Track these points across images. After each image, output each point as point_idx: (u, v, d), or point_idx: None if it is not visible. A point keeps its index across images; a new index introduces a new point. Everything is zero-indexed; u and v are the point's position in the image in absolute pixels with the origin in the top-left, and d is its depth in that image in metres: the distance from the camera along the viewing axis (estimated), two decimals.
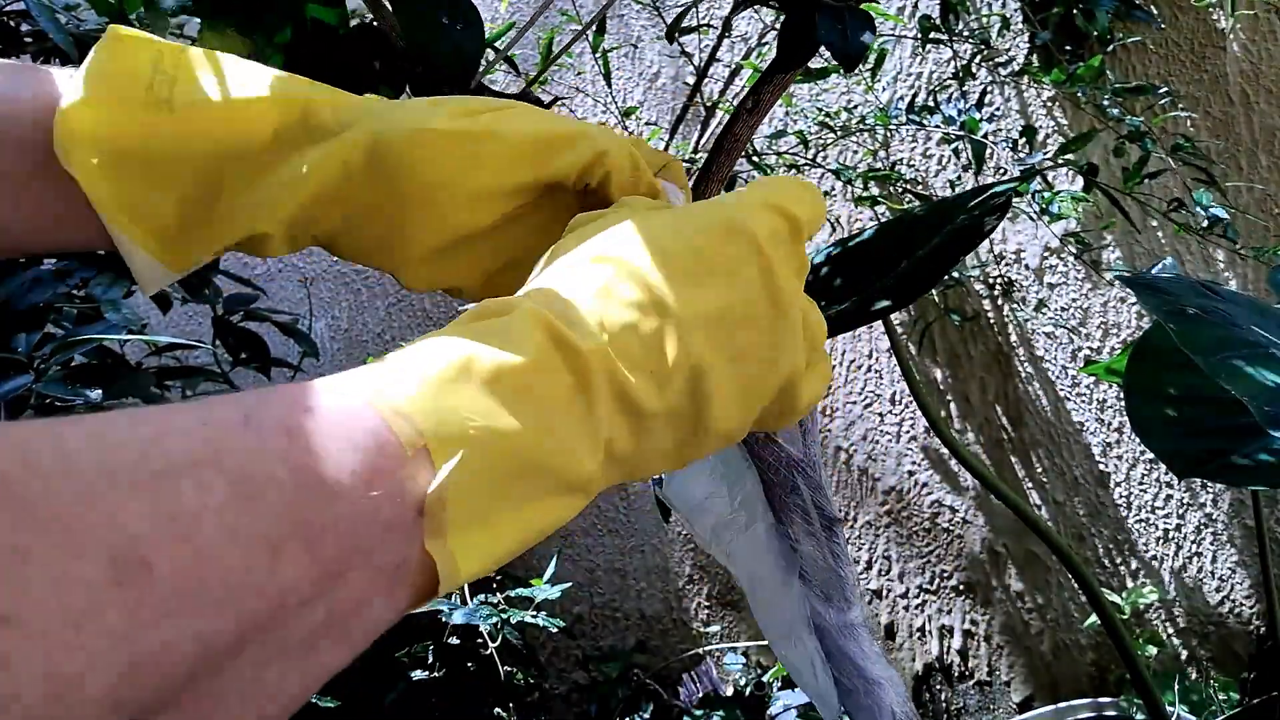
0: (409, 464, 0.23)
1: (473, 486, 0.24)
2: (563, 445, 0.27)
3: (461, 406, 0.25)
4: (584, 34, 0.49)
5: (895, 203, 1.30)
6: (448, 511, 0.24)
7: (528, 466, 0.26)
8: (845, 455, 1.47)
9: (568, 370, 0.28)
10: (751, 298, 0.32)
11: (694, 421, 0.31)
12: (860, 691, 0.49)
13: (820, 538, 0.48)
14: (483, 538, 0.25)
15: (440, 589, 0.24)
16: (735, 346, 0.32)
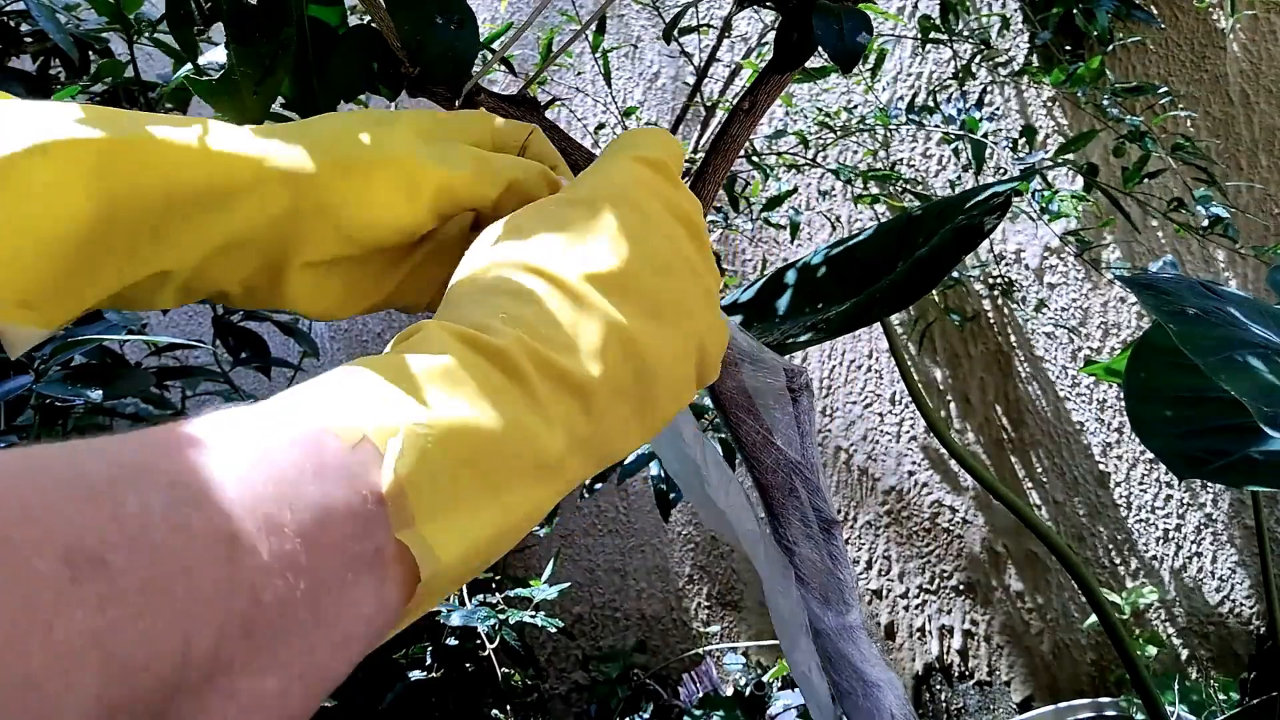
0: (353, 453, 0.23)
1: (433, 473, 0.24)
2: (516, 428, 0.27)
3: (397, 408, 0.25)
4: (583, 34, 0.49)
5: (895, 203, 1.30)
6: (409, 499, 0.24)
7: (485, 450, 0.26)
8: (845, 455, 1.47)
9: (494, 366, 0.28)
10: (644, 249, 0.33)
11: (638, 385, 0.32)
12: (859, 694, 0.49)
13: (818, 540, 0.48)
14: (458, 524, 0.25)
15: (424, 577, 0.24)
16: (648, 301, 0.32)
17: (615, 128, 1.44)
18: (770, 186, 1.20)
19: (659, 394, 0.32)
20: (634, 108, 1.45)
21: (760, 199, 1.22)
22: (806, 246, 1.46)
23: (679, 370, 0.33)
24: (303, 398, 0.25)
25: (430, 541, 0.24)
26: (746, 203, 1.22)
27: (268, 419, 0.23)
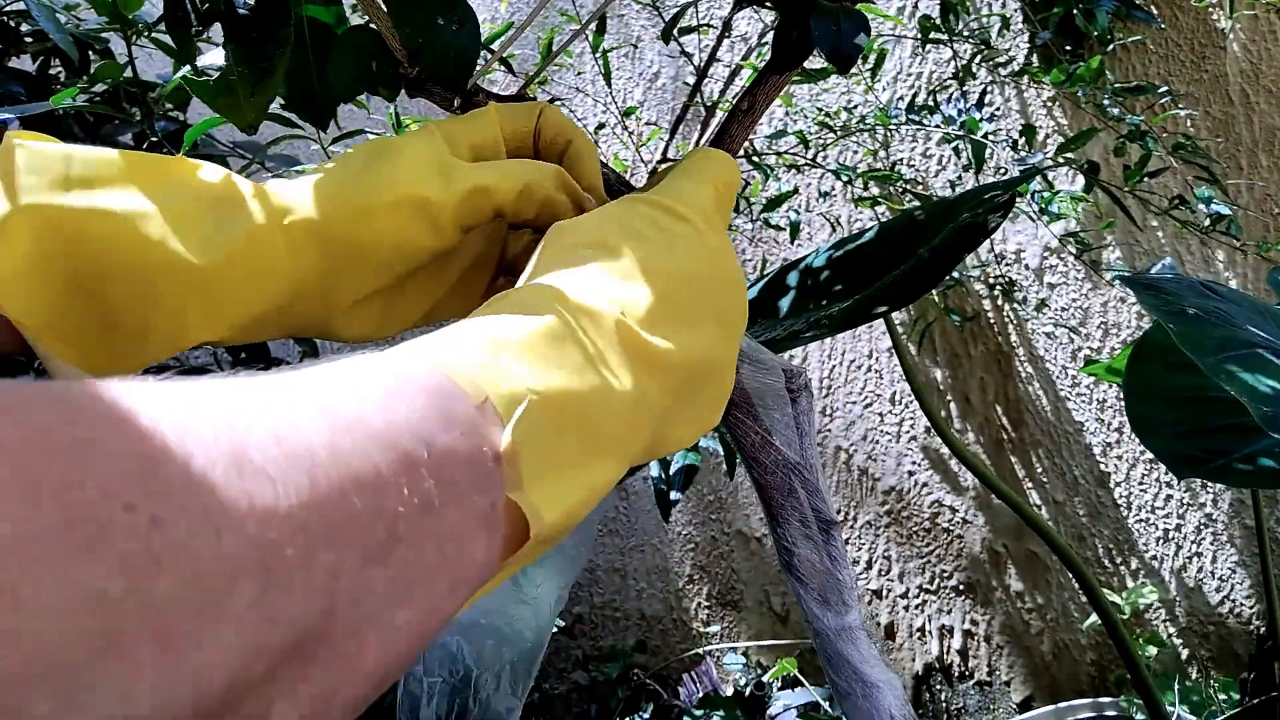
0: (478, 411, 0.24)
1: (539, 439, 0.25)
2: (610, 398, 0.28)
3: (508, 367, 0.26)
4: (583, 33, 0.49)
5: (895, 203, 1.30)
6: (521, 462, 0.25)
7: (581, 422, 0.27)
8: (845, 455, 1.47)
9: (595, 332, 0.29)
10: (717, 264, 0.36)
11: (702, 381, 0.34)
12: (858, 694, 0.49)
13: (818, 541, 0.48)
14: (556, 490, 0.26)
15: (533, 535, 0.25)
16: (718, 311, 0.35)
17: (615, 128, 1.44)
18: (770, 187, 1.20)
19: (713, 395, 0.35)
20: (634, 108, 1.45)
21: (760, 199, 1.21)
22: (806, 247, 1.46)
23: (729, 375, 0.36)
24: (429, 350, 0.26)
25: (536, 504, 0.25)
26: (746, 203, 1.22)
27: (400, 366, 0.24)
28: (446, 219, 0.37)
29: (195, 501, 0.17)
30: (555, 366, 0.27)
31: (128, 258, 0.32)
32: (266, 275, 0.35)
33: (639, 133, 1.46)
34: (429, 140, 0.38)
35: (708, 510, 1.56)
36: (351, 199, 0.36)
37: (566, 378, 0.27)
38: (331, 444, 0.20)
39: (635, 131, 1.47)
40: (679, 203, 0.36)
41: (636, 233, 0.34)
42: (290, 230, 0.35)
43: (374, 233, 0.36)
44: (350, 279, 0.37)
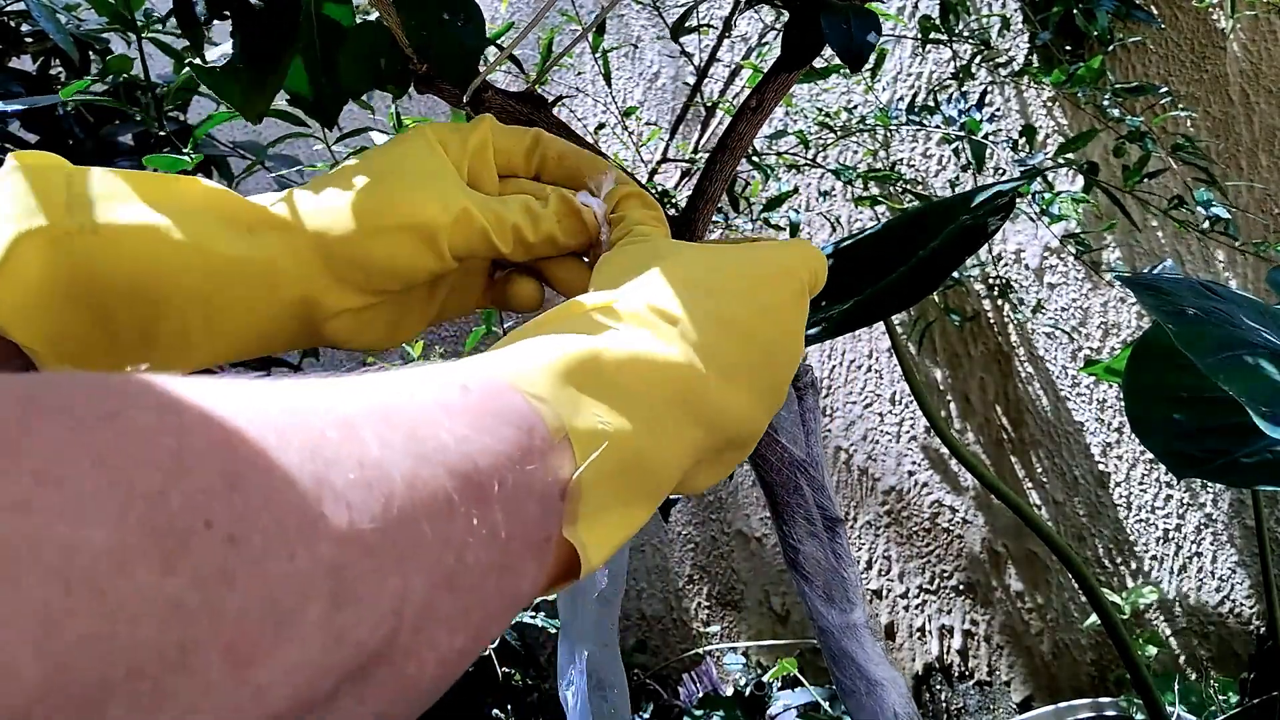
0: (554, 448, 0.25)
1: (601, 480, 0.26)
2: (663, 448, 0.29)
3: (588, 401, 0.26)
4: (584, 35, 0.49)
5: (895, 203, 1.30)
6: (581, 500, 0.25)
7: (638, 467, 0.28)
8: (845, 455, 1.47)
9: (668, 378, 0.29)
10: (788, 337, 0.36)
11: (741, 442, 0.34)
12: (862, 692, 0.49)
13: (823, 538, 0.48)
14: (605, 530, 0.26)
15: (581, 574, 0.26)
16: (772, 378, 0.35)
17: (615, 128, 1.44)
18: (770, 187, 1.20)
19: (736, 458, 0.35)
20: (634, 108, 1.45)
21: (760, 199, 1.22)
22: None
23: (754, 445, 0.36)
24: (514, 371, 0.26)
25: (587, 543, 0.26)
26: (746, 203, 1.22)
27: (487, 388, 0.25)
28: (446, 242, 0.37)
29: (272, 521, 0.17)
30: (628, 410, 0.27)
31: (133, 274, 0.32)
32: (269, 289, 0.35)
33: (639, 133, 1.46)
34: (430, 156, 0.38)
35: (708, 510, 1.56)
36: (357, 219, 0.36)
37: (638, 424, 0.27)
38: (412, 474, 0.20)
39: (635, 131, 1.47)
40: (776, 269, 0.36)
41: (729, 284, 0.34)
42: (295, 246, 0.35)
43: (378, 254, 0.36)
44: (350, 295, 0.37)
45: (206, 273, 0.33)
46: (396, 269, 0.37)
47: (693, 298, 0.32)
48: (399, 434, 0.21)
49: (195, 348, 0.35)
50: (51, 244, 0.31)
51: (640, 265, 0.34)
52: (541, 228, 0.39)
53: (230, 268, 0.34)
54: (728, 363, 0.32)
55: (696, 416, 0.30)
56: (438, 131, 0.39)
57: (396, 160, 0.37)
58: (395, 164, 0.37)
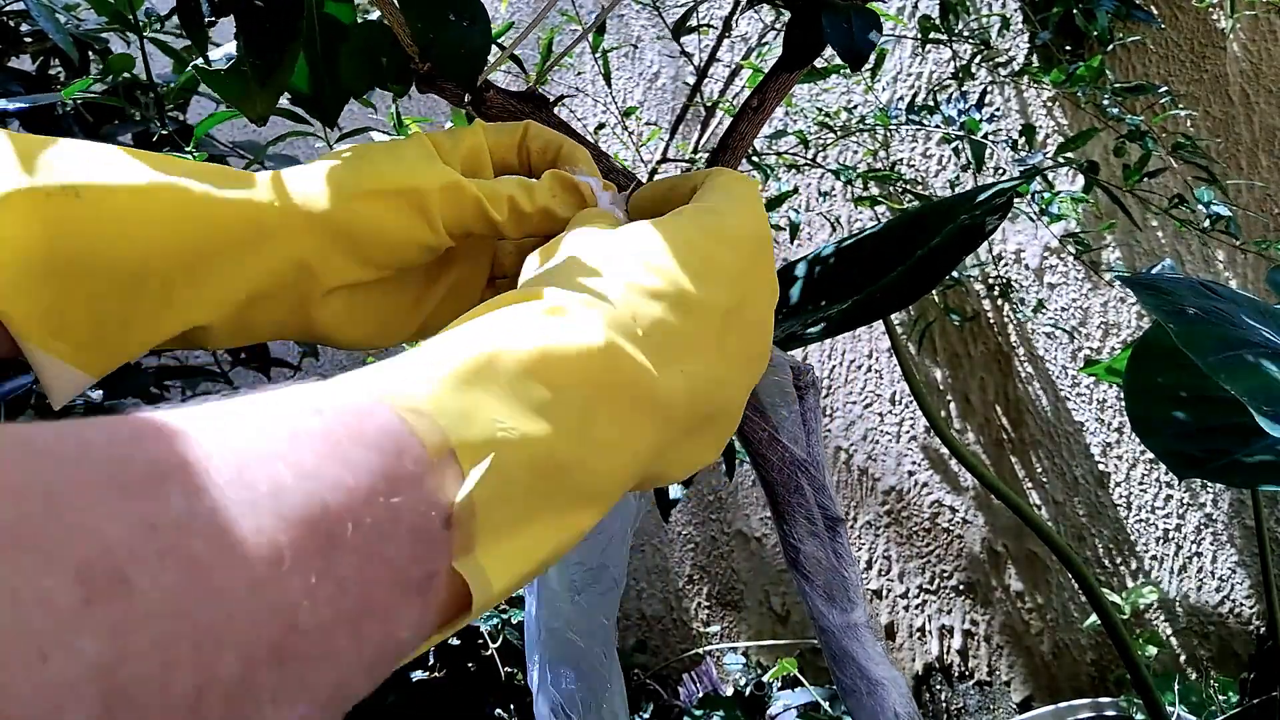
0: (434, 468, 0.22)
1: (503, 495, 0.23)
2: (594, 450, 0.26)
3: (486, 405, 0.23)
4: (585, 35, 0.49)
5: (895, 203, 1.30)
6: (477, 522, 0.22)
7: (558, 474, 0.24)
8: (845, 455, 1.47)
9: (608, 365, 0.26)
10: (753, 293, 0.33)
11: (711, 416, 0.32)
12: (863, 692, 0.49)
13: (823, 538, 0.48)
14: (514, 551, 0.23)
15: (474, 609, 0.22)
16: (738, 342, 0.32)
17: (615, 128, 1.44)
18: (770, 187, 1.20)
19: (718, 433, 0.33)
20: (634, 108, 1.45)
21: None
22: (806, 247, 1.46)
23: (738, 415, 0.34)
24: (396, 380, 0.23)
25: (487, 569, 0.22)
26: None
27: (350, 405, 0.21)
28: (437, 212, 0.36)
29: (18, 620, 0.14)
30: (537, 410, 0.24)
31: (115, 236, 0.31)
32: (253, 253, 0.34)
33: (639, 133, 1.46)
34: (421, 145, 0.37)
35: (708, 510, 1.56)
36: (346, 185, 0.35)
37: (555, 426, 0.24)
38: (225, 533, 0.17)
39: (635, 131, 1.47)
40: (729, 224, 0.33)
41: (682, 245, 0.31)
42: (282, 209, 0.34)
43: (366, 217, 0.35)
44: (338, 266, 0.35)
45: (191, 231, 0.32)
46: (385, 235, 0.35)
47: (622, 273, 0.30)
48: (222, 478, 0.18)
49: (179, 313, 0.33)
50: (31, 208, 0.30)
51: (569, 247, 0.32)
52: (537, 199, 0.38)
53: (215, 226, 0.32)
54: (674, 338, 0.29)
55: (635, 403, 0.27)
56: (431, 137, 0.39)
57: (387, 144, 0.37)
58: (385, 146, 0.37)
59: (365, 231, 0.35)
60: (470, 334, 0.25)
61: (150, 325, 0.33)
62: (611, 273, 0.30)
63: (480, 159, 0.39)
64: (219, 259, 0.33)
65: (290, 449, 0.19)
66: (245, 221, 0.33)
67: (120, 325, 0.32)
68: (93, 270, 0.31)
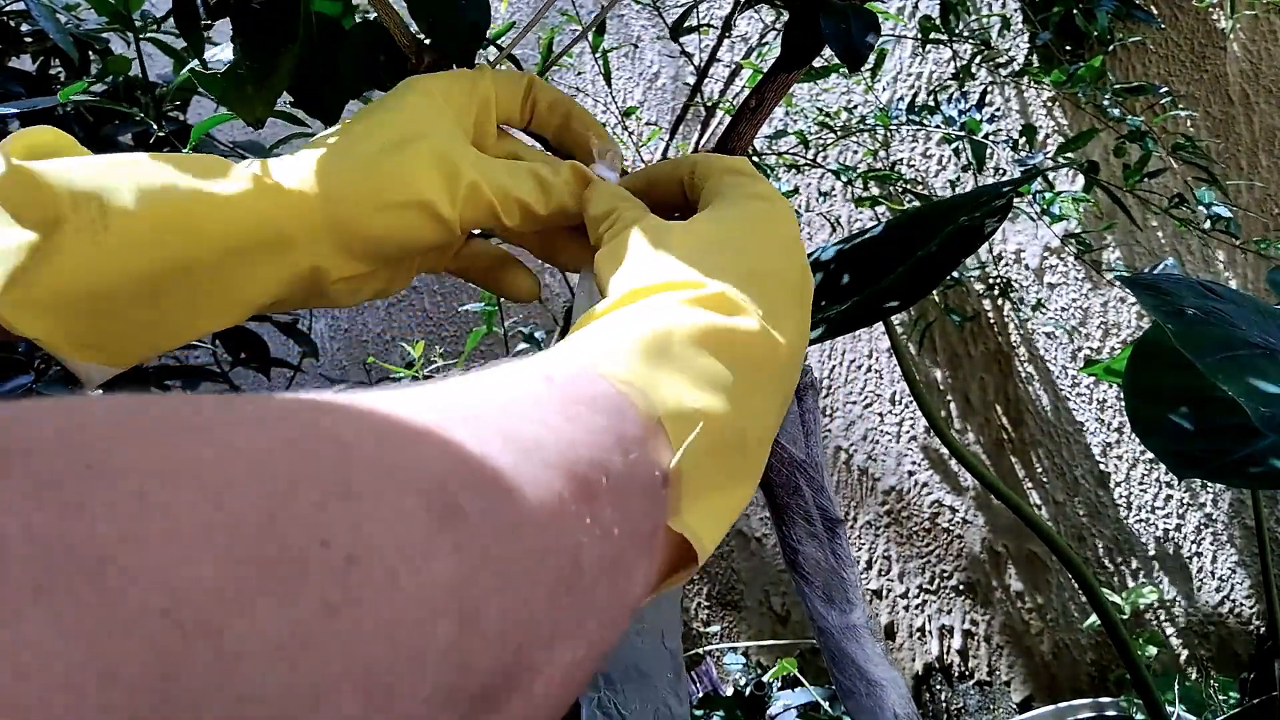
0: (650, 431, 0.23)
1: (698, 463, 0.24)
2: (754, 421, 0.27)
3: (678, 380, 0.25)
4: (584, 35, 0.49)
5: (895, 203, 1.30)
6: (683, 485, 0.24)
7: (734, 444, 0.26)
8: (845, 455, 1.47)
9: (762, 343, 0.28)
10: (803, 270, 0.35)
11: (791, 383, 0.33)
12: (862, 693, 0.49)
13: (822, 539, 0.48)
14: (710, 515, 0.25)
15: (698, 562, 0.24)
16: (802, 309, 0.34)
17: (615, 128, 1.44)
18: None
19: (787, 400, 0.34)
20: (634, 108, 1.45)
21: None
22: (806, 247, 1.46)
23: None
24: (592, 357, 0.25)
25: (697, 530, 0.24)
26: None
27: (570, 376, 0.23)
28: (454, 217, 0.37)
29: (391, 536, 0.16)
30: (714, 385, 0.26)
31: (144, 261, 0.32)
32: (278, 258, 0.34)
33: (639, 133, 1.46)
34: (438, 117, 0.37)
35: None
36: (365, 193, 0.35)
37: (727, 399, 0.26)
38: (516, 473, 0.19)
39: (635, 131, 1.47)
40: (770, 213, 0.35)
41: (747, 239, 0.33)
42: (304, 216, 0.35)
43: (385, 229, 0.36)
44: (354, 264, 0.37)
45: (217, 248, 0.33)
46: (402, 243, 0.36)
47: (730, 260, 0.31)
48: (496, 431, 0.19)
49: (204, 319, 0.35)
50: (61, 243, 0.30)
51: (656, 241, 0.33)
52: (553, 200, 0.38)
53: (241, 241, 0.33)
54: (779, 316, 0.31)
55: (773, 379, 0.29)
56: (440, 84, 0.38)
57: (404, 123, 0.37)
58: (403, 128, 0.37)
59: (384, 239, 0.36)
60: (641, 315, 0.27)
61: (178, 331, 0.34)
62: (715, 262, 0.31)
63: (489, 113, 0.40)
64: (242, 271, 0.34)
65: (536, 410, 0.21)
66: (269, 233, 0.34)
67: (149, 334, 0.34)
68: (122, 291, 0.32)
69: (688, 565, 0.25)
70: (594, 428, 0.22)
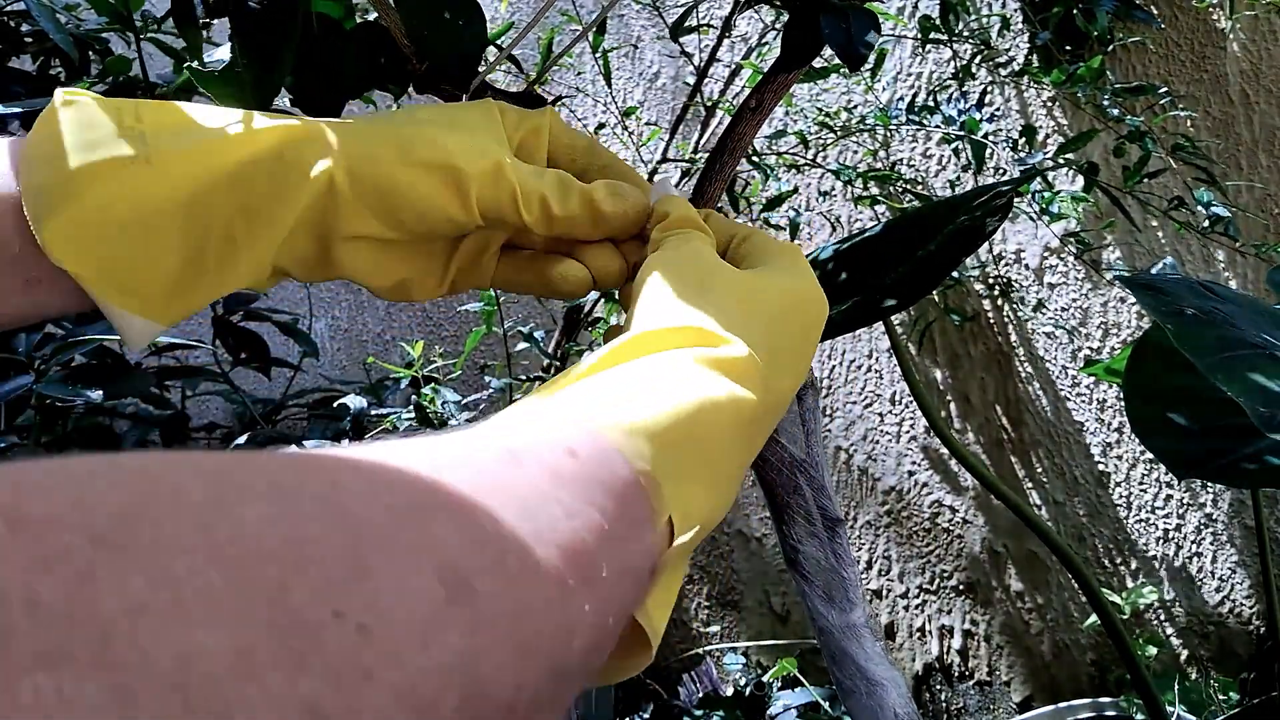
0: (652, 525, 0.24)
1: (678, 555, 0.26)
2: (728, 501, 0.29)
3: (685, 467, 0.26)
4: (584, 35, 0.49)
5: (895, 203, 1.30)
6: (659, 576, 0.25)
7: (705, 531, 0.27)
8: (845, 455, 1.47)
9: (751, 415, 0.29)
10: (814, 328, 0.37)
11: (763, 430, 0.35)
12: (862, 692, 0.49)
13: (823, 538, 0.48)
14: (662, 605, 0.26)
15: (651, 654, 0.25)
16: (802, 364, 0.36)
17: (615, 128, 1.44)
18: (770, 187, 1.20)
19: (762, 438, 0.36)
20: (634, 108, 1.45)
21: (760, 199, 1.22)
22: (806, 247, 1.46)
23: None
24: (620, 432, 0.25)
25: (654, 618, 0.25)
26: (746, 203, 1.22)
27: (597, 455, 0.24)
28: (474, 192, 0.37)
29: (404, 608, 0.16)
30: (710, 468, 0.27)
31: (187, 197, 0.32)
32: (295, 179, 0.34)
33: (639, 133, 1.46)
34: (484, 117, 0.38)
35: None
36: (394, 147, 0.35)
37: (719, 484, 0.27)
38: (526, 556, 0.19)
39: (635, 131, 1.47)
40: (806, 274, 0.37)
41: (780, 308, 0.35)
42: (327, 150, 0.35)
43: (402, 183, 0.36)
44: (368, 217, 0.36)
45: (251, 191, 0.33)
46: (418, 204, 0.36)
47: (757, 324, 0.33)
48: (512, 509, 0.20)
49: (241, 260, 0.35)
50: (107, 177, 0.31)
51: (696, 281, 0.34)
52: (569, 203, 0.38)
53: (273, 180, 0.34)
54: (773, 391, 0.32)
55: (753, 446, 0.31)
56: (501, 107, 0.39)
57: (448, 111, 0.38)
58: (444, 114, 0.37)
59: (398, 195, 0.36)
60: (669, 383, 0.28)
61: (215, 281, 0.35)
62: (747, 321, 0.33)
63: (539, 140, 0.40)
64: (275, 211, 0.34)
65: (555, 487, 0.21)
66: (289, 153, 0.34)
67: (186, 282, 0.34)
68: (160, 231, 0.33)
69: (638, 655, 0.26)
70: (608, 515, 0.22)
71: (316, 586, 0.15)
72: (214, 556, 0.14)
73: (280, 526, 0.16)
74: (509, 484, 0.21)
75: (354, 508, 0.17)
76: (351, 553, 0.16)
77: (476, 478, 0.20)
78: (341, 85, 0.40)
